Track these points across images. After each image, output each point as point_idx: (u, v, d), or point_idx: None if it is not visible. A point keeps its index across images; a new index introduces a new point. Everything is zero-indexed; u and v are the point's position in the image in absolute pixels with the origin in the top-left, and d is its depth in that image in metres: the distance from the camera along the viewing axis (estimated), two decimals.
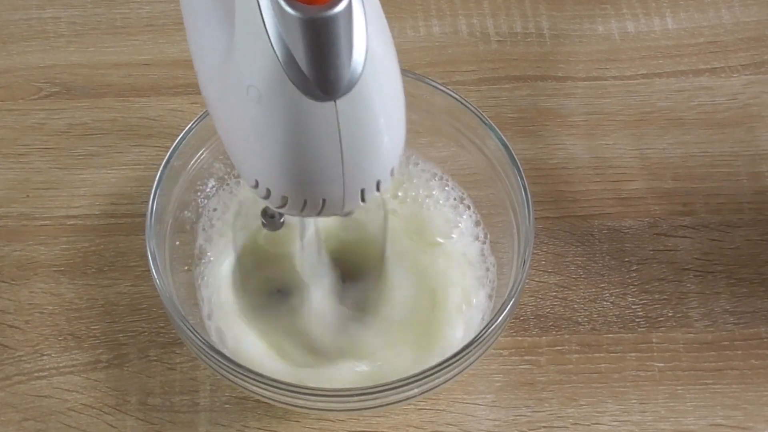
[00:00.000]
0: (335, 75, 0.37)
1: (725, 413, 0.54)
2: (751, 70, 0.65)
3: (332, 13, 0.35)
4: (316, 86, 0.37)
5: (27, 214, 0.60)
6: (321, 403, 0.49)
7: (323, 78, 0.37)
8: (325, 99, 0.37)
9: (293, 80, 0.37)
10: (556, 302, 0.57)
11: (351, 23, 0.36)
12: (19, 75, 0.65)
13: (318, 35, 0.35)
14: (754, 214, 0.60)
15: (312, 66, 0.36)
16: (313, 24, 0.35)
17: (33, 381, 0.55)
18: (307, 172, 0.39)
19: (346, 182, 0.40)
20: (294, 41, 0.36)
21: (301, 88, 0.37)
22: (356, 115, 0.38)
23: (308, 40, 0.36)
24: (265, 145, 0.39)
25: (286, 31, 0.36)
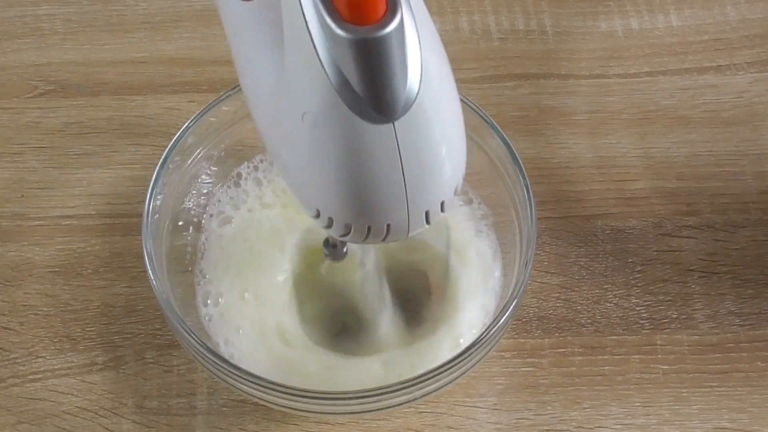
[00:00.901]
0: (391, 96, 0.36)
1: (731, 416, 0.54)
2: (757, 68, 0.65)
3: (384, 33, 0.34)
4: (373, 109, 0.36)
5: (21, 214, 0.60)
6: (319, 406, 0.49)
7: (379, 100, 0.36)
8: (383, 121, 0.37)
9: (348, 104, 0.36)
10: (559, 303, 0.57)
11: (404, 42, 0.35)
12: (14, 73, 0.65)
13: (371, 56, 0.35)
14: (759, 214, 0.60)
15: (367, 88, 0.36)
16: (365, 45, 0.35)
17: (28, 384, 0.55)
18: (369, 198, 0.39)
19: (410, 206, 0.39)
20: (346, 63, 0.35)
21: (357, 111, 0.36)
22: (416, 136, 0.37)
23: (361, 61, 0.35)
24: (324, 173, 0.39)
25: (337, 54, 0.35)
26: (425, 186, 0.39)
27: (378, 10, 0.34)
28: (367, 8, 0.34)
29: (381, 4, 0.35)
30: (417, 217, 0.40)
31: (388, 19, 0.34)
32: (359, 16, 0.34)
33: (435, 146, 0.38)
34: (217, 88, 0.64)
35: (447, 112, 0.39)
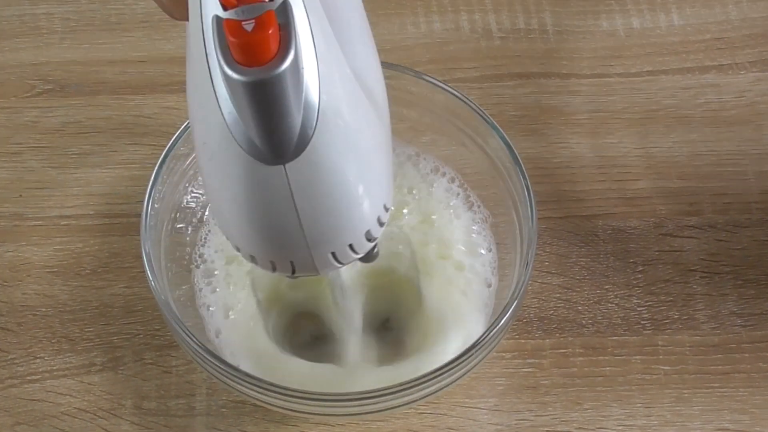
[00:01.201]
0: (281, 138, 0.35)
1: (732, 417, 0.54)
2: (759, 67, 0.65)
3: (273, 74, 0.34)
4: (262, 150, 0.36)
5: (20, 214, 0.60)
6: (320, 408, 0.49)
7: (269, 141, 0.35)
8: (274, 163, 0.36)
9: (240, 142, 0.36)
10: (560, 304, 0.57)
11: (299, 80, 0.35)
12: (12, 72, 0.65)
13: (260, 98, 0.34)
14: (761, 214, 0.60)
15: (256, 129, 0.35)
16: (252, 86, 0.34)
17: (26, 384, 0.55)
18: (266, 235, 0.39)
19: (312, 247, 0.39)
20: (238, 102, 0.35)
21: (249, 150, 0.36)
22: (310, 179, 0.37)
23: (249, 102, 0.34)
24: (223, 204, 0.39)
25: (231, 93, 0.35)
26: (326, 229, 0.39)
27: (268, 50, 0.34)
28: (256, 49, 0.34)
29: (272, 44, 0.34)
30: (322, 258, 0.39)
31: (279, 60, 0.34)
32: (248, 57, 0.34)
33: (334, 190, 0.38)
34: None
35: (354, 152, 0.38)
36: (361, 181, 0.39)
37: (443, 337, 0.52)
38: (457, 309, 0.53)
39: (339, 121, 0.37)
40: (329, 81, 0.36)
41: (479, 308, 0.53)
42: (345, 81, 0.37)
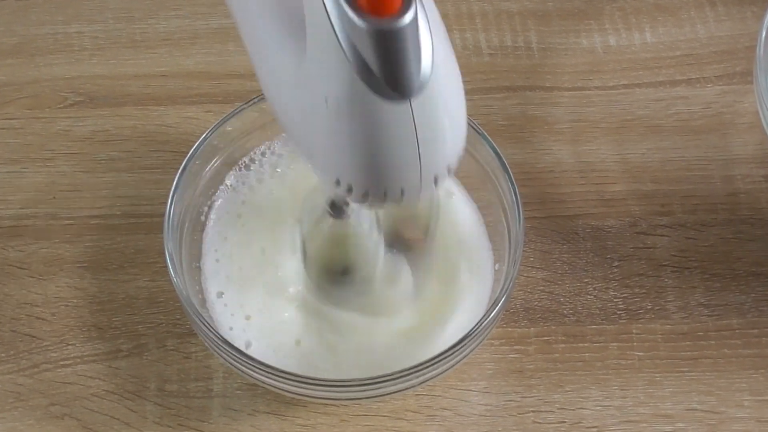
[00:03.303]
0: (408, 78, 0.37)
1: (700, 399, 0.54)
2: (725, 81, 0.65)
3: (402, 24, 0.35)
4: (392, 90, 0.37)
5: (53, 214, 0.60)
6: (325, 393, 0.49)
7: (397, 82, 0.37)
8: (401, 100, 0.38)
9: (370, 86, 0.37)
10: (544, 296, 0.57)
11: (417, 32, 0.36)
12: (46, 85, 0.65)
13: (389, 45, 0.36)
14: (726, 214, 0.60)
15: (386, 72, 0.37)
16: (385, 35, 0.36)
17: (59, 369, 0.55)
18: (387, 168, 0.40)
19: (423, 172, 0.40)
20: (366, 50, 0.36)
21: (377, 92, 0.37)
22: (429, 112, 0.39)
23: (380, 49, 0.36)
24: (347, 148, 0.40)
25: (358, 42, 0.36)
26: (436, 154, 0.40)
27: (395, 3, 0.35)
28: (386, 2, 0.35)
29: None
30: (428, 182, 0.41)
31: (404, 11, 0.36)
32: (379, 8, 0.35)
33: (444, 120, 0.40)
34: (232, 99, 0.64)
35: (453, 92, 0.40)
36: (459, 112, 0.41)
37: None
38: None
39: (446, 63, 0.39)
40: (436, 31, 0.38)
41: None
42: (443, 32, 0.40)
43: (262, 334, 0.52)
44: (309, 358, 0.52)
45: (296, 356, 0.52)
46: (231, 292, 0.54)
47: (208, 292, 0.53)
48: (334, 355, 0.52)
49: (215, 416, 0.54)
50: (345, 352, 0.52)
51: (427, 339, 0.52)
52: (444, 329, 0.52)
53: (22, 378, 0.55)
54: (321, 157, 0.42)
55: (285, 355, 0.52)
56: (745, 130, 0.63)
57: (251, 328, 0.52)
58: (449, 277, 0.54)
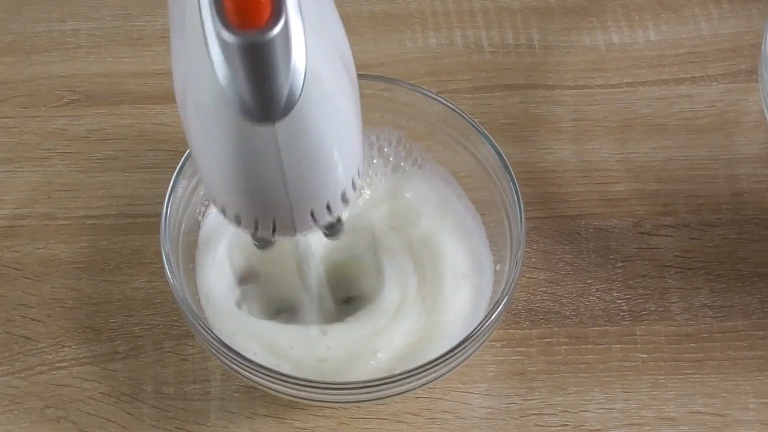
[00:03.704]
0: (271, 98, 0.35)
1: (704, 401, 0.54)
2: (729, 79, 0.65)
3: (266, 38, 0.33)
4: (253, 109, 0.35)
5: (49, 214, 0.60)
6: (324, 396, 0.48)
7: (259, 101, 0.35)
8: (264, 122, 0.36)
9: (231, 102, 0.35)
10: (546, 297, 0.57)
11: (288, 45, 0.35)
12: (42, 84, 0.65)
13: (253, 60, 0.34)
14: (731, 214, 0.60)
15: (248, 90, 0.35)
16: (246, 49, 0.34)
17: (54, 371, 0.55)
18: (253, 192, 0.38)
19: (293, 204, 0.39)
20: (232, 64, 0.35)
21: (240, 110, 0.35)
22: (296, 137, 0.37)
23: (242, 64, 0.34)
24: (213, 163, 0.38)
25: (224, 54, 0.35)
26: (307, 186, 0.38)
27: (261, 15, 0.34)
28: (250, 14, 0.34)
29: (265, 10, 0.34)
30: (302, 216, 0.39)
31: (271, 24, 0.34)
32: (243, 20, 0.34)
33: (318, 149, 0.38)
34: None
35: (334, 115, 0.38)
36: (340, 142, 0.39)
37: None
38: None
39: (322, 84, 0.36)
40: (314, 47, 0.36)
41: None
42: (327, 49, 0.37)
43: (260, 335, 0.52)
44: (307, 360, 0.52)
45: (295, 358, 0.51)
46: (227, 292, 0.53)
47: (205, 293, 0.53)
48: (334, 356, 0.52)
49: (213, 419, 0.54)
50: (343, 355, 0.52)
51: (427, 341, 0.52)
52: (445, 331, 0.52)
53: (16, 380, 0.55)
54: (200, 171, 0.40)
55: (283, 357, 0.51)
56: (750, 128, 0.63)
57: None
58: (450, 279, 0.54)
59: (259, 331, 0.52)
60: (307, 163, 0.38)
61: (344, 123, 0.39)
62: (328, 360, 0.51)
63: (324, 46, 0.37)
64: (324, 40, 0.37)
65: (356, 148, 0.40)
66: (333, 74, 0.38)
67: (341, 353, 0.51)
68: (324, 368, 0.51)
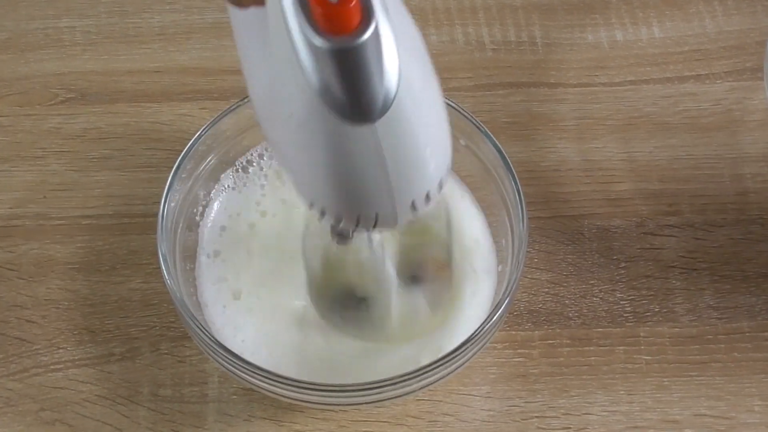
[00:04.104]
0: (369, 100, 0.36)
1: (709, 404, 0.54)
2: (734, 77, 0.65)
3: (359, 42, 0.34)
4: (352, 112, 0.36)
5: (44, 214, 0.60)
6: (323, 398, 0.48)
7: (357, 104, 0.36)
8: (363, 123, 0.37)
9: (329, 107, 0.36)
10: (548, 298, 0.57)
11: (380, 47, 0.35)
12: (37, 82, 0.65)
13: (347, 64, 0.35)
14: (736, 214, 0.60)
15: (345, 93, 0.36)
16: (341, 54, 0.35)
17: (50, 373, 0.55)
18: (356, 192, 0.39)
19: (396, 197, 0.39)
20: (325, 70, 0.35)
21: (338, 113, 0.36)
22: (396, 134, 0.37)
23: (338, 69, 0.35)
24: (313, 169, 0.39)
25: (317, 61, 0.35)
26: (408, 179, 0.39)
27: (352, 20, 0.34)
28: (341, 19, 0.34)
29: (355, 15, 0.34)
30: (403, 207, 0.40)
31: (363, 28, 0.34)
32: (335, 26, 0.34)
33: (415, 144, 0.38)
34: (228, 96, 0.64)
35: (426, 112, 0.39)
36: (435, 132, 0.40)
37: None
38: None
39: (418, 81, 0.38)
40: (405, 46, 0.37)
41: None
42: (412, 47, 0.38)
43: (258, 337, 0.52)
44: (306, 362, 0.52)
45: (293, 360, 0.51)
46: (226, 294, 0.53)
47: (202, 294, 0.53)
48: (332, 359, 0.52)
49: (210, 422, 0.54)
50: (343, 356, 0.52)
51: (428, 343, 0.52)
52: (446, 332, 0.52)
53: (11, 382, 0.55)
54: (295, 178, 0.41)
55: (282, 359, 0.51)
56: (756, 127, 0.63)
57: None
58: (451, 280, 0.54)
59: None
60: (408, 156, 0.39)
61: (436, 113, 0.40)
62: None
63: (410, 45, 0.38)
64: (409, 40, 0.38)
65: (448, 137, 0.41)
66: (423, 71, 0.39)
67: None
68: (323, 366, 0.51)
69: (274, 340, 0.52)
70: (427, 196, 0.41)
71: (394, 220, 0.41)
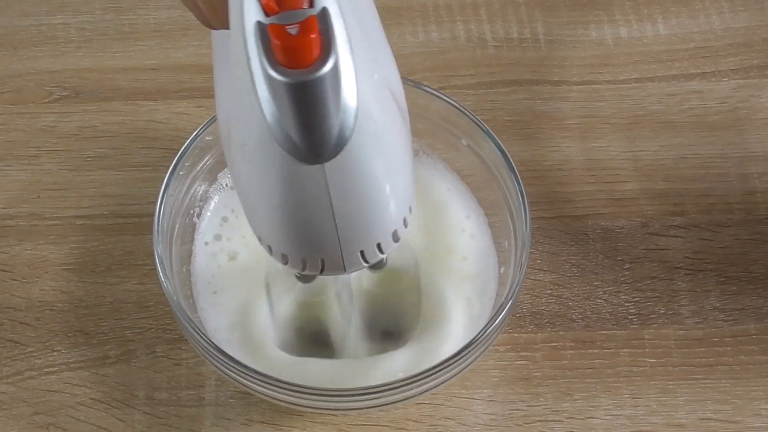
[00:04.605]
0: (321, 138, 0.35)
1: (715, 407, 0.54)
2: (741, 75, 0.65)
3: (315, 77, 0.33)
4: (303, 149, 0.35)
5: (38, 214, 0.60)
6: (323, 403, 0.48)
7: (309, 141, 0.35)
8: (313, 162, 0.36)
9: (280, 142, 0.35)
10: (551, 300, 0.57)
11: (338, 83, 0.34)
12: (30, 79, 0.65)
13: (300, 98, 0.34)
14: (743, 214, 0.60)
15: (296, 129, 0.35)
16: (294, 88, 0.34)
17: (43, 376, 0.55)
18: (301, 233, 0.38)
19: (343, 245, 0.39)
20: (280, 103, 0.34)
21: (288, 150, 0.35)
22: (347, 178, 0.37)
23: (291, 102, 0.34)
24: (260, 203, 0.38)
25: (273, 94, 0.34)
26: (357, 227, 0.38)
27: (311, 53, 0.34)
28: (299, 52, 0.33)
29: (314, 48, 0.33)
30: (351, 256, 0.39)
31: (321, 62, 0.33)
32: (292, 59, 0.34)
33: (368, 189, 0.37)
34: None
35: (386, 155, 0.38)
36: (392, 181, 0.39)
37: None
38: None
39: (374, 123, 0.36)
40: (365, 85, 0.36)
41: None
42: (378, 86, 0.37)
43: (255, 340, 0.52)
44: (305, 365, 0.52)
45: (292, 364, 0.51)
46: (224, 296, 0.53)
47: (199, 296, 0.53)
48: (331, 362, 0.52)
49: (207, 426, 0.54)
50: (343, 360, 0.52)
51: (430, 346, 0.52)
52: (447, 336, 0.52)
53: (4, 386, 0.55)
54: (246, 211, 0.40)
55: (280, 362, 0.51)
56: (763, 125, 0.63)
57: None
58: (452, 282, 0.53)
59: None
60: (358, 203, 0.38)
61: (396, 161, 0.39)
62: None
63: (375, 81, 0.37)
64: (375, 76, 0.37)
65: (408, 186, 0.40)
66: (384, 111, 0.38)
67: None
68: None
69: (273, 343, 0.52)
70: (379, 247, 0.39)
71: (341, 268, 0.40)
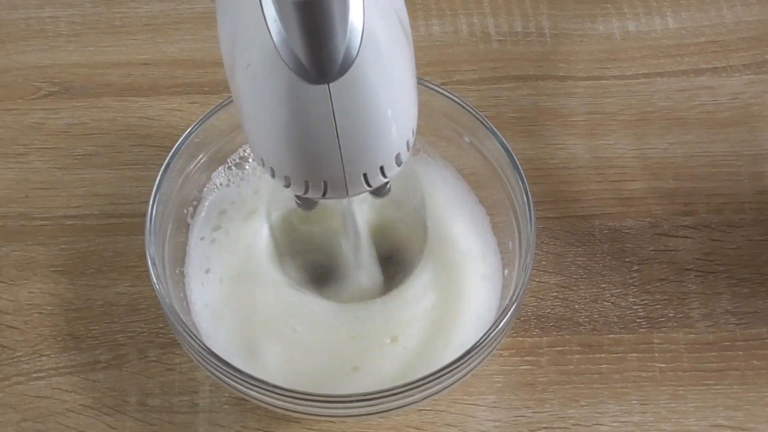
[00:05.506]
0: (327, 58, 0.36)
1: (726, 414, 0.54)
2: (753, 70, 0.65)
3: None
4: (309, 69, 0.36)
5: (26, 214, 0.60)
6: (320, 409, 0.48)
7: (315, 60, 0.36)
8: (319, 81, 0.37)
9: (286, 61, 0.37)
10: (557, 303, 0.57)
11: (345, 6, 0.36)
12: (18, 74, 0.65)
13: (308, 17, 0.35)
14: (755, 214, 0.60)
15: (304, 48, 0.36)
16: (303, 6, 0.35)
17: (32, 381, 0.55)
18: (305, 154, 0.39)
19: (346, 166, 0.40)
20: (287, 22, 0.36)
21: (294, 69, 0.37)
22: (351, 99, 0.38)
23: (299, 21, 0.35)
24: (264, 124, 0.39)
25: (280, 13, 0.36)
26: (361, 149, 0.39)
27: None
28: None
29: None
30: (354, 178, 0.40)
31: None
32: None
33: (372, 111, 0.39)
34: (219, 89, 0.64)
35: (390, 78, 0.39)
36: (396, 103, 0.40)
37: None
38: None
39: (379, 44, 0.38)
40: (372, 6, 0.37)
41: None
42: (384, 6, 0.38)
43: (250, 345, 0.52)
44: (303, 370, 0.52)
45: (289, 369, 0.51)
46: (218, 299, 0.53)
47: (192, 299, 0.53)
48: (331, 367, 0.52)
49: None
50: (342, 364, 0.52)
51: (431, 351, 0.52)
52: (450, 340, 0.52)
53: None
54: (249, 134, 0.41)
55: (276, 368, 0.51)
56: None
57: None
58: (455, 284, 0.53)
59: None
60: (362, 125, 0.39)
61: (400, 84, 0.40)
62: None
63: (381, 3, 0.38)
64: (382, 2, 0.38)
65: (412, 109, 0.41)
66: (390, 33, 0.39)
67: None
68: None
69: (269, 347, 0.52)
70: (382, 170, 0.40)
71: (344, 190, 0.41)
